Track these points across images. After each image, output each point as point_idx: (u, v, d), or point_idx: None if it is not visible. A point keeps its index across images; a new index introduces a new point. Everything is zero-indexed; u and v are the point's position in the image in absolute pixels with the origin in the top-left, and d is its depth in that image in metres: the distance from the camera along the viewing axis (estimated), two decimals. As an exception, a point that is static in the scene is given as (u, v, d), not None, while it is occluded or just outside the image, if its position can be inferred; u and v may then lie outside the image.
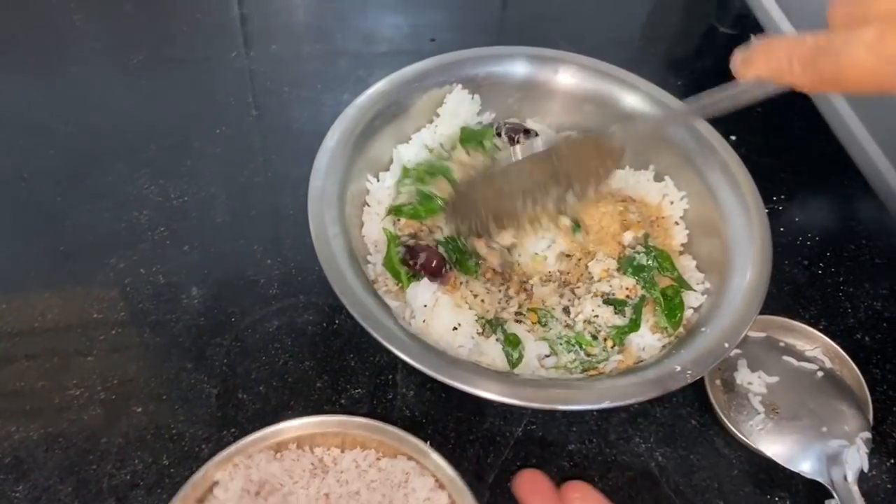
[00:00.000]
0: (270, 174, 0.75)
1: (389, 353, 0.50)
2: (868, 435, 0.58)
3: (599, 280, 0.61)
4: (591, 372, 0.58)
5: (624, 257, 0.62)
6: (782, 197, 0.76)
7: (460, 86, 0.69)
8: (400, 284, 0.59)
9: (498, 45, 0.70)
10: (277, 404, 0.58)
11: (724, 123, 0.87)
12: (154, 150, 0.75)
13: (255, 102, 0.82)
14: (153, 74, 0.83)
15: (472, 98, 0.70)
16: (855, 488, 0.55)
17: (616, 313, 0.60)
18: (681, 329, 0.60)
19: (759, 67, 0.40)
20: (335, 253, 0.54)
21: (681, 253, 0.66)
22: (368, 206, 0.64)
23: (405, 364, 0.50)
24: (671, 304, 0.60)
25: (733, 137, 0.83)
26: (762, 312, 0.56)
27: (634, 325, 0.59)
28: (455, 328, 0.57)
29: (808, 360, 0.62)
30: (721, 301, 0.58)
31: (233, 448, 0.49)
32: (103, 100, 0.80)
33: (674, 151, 0.67)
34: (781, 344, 0.63)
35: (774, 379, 0.60)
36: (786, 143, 0.83)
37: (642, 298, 0.60)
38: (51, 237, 0.67)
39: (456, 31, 0.93)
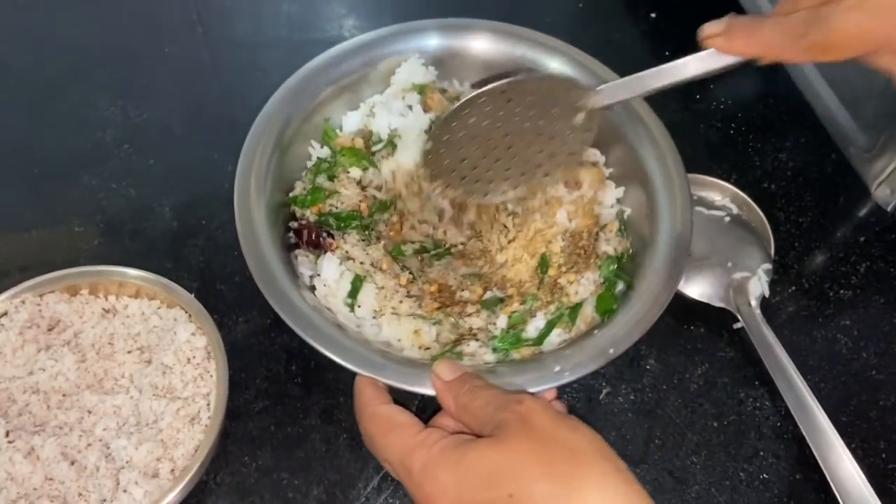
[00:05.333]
0: (222, 86, 0.80)
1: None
2: (769, 266, 0.66)
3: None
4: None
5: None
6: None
7: (417, 55, 0.68)
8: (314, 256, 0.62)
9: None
10: (253, 290, 0.65)
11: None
12: (107, 72, 0.79)
13: (199, 19, 0.85)
14: (95, -1, 0.85)
15: (428, 68, 0.69)
16: (757, 312, 0.64)
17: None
18: (580, 325, 0.59)
19: (739, 46, 0.44)
20: (257, 229, 0.57)
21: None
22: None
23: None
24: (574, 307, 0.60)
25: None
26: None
27: (540, 339, 0.59)
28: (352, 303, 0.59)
29: (718, 208, 0.70)
30: (624, 306, 0.57)
31: (21, 286, 0.58)
32: (50, 30, 0.83)
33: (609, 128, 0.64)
34: (694, 197, 0.70)
35: (687, 227, 0.68)
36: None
37: (559, 316, 0.59)
38: (23, 162, 0.72)
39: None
